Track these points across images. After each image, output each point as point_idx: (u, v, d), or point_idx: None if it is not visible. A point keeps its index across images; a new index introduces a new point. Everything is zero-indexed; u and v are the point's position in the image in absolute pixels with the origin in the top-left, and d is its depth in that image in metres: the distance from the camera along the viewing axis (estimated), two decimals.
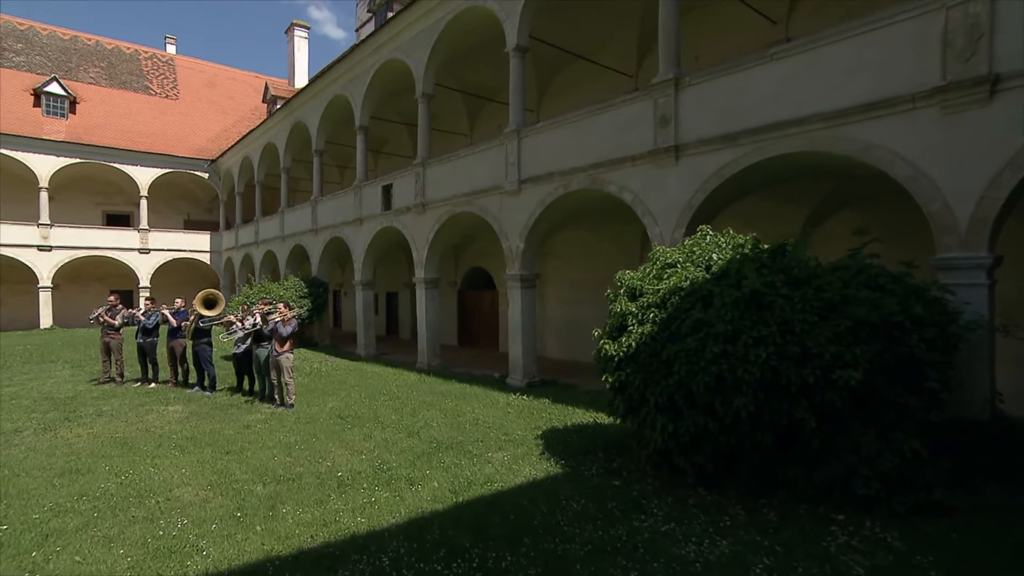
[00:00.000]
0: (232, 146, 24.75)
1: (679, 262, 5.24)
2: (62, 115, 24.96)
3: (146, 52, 30.95)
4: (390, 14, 15.78)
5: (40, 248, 23.32)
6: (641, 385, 4.87)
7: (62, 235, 23.87)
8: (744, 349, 4.30)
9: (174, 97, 29.81)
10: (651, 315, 4.95)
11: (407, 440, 6.60)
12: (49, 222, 23.46)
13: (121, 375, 10.58)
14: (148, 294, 23.32)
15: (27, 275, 23.39)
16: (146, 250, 25.84)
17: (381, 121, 16.41)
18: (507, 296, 15.81)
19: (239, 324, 9.31)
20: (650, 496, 4.78)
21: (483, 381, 10.75)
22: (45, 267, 23.41)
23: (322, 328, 18.23)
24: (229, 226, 27.28)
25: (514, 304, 10.59)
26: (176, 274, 26.96)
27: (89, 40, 29.15)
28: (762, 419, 4.34)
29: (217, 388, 9.87)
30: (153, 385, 10.33)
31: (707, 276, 4.91)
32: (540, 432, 6.90)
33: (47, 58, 26.91)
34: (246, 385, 9.69)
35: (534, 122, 10.55)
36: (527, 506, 4.57)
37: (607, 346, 5.20)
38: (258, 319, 8.92)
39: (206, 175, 27.35)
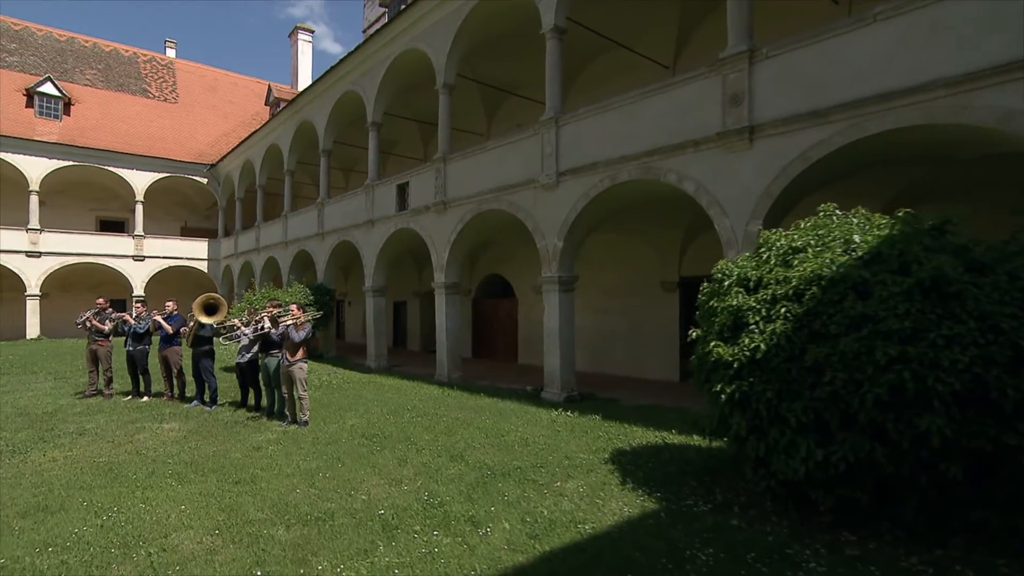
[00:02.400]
0: (233, 149, 23.74)
1: (810, 245, 4.21)
2: (56, 116, 23.94)
3: (145, 55, 30.08)
4: (403, 7, 14.94)
5: (28, 254, 22.07)
6: (775, 399, 3.81)
7: (52, 240, 22.63)
8: (934, 352, 3.26)
9: (173, 101, 28.88)
10: (782, 310, 3.91)
11: (452, 466, 5.49)
12: (39, 227, 22.26)
13: (109, 387, 9.42)
14: (142, 299, 22.09)
15: (14, 282, 22.09)
16: (141, 257, 24.65)
17: (392, 119, 15.46)
18: (527, 303, 14.80)
19: (243, 329, 8.22)
20: (790, 542, 3.70)
21: (514, 395, 9.65)
22: (33, 274, 22.15)
23: (327, 339, 17.10)
24: (228, 233, 26.15)
25: (550, 309, 9.52)
26: (172, 282, 25.71)
27: (86, 42, 28.26)
28: (957, 445, 3.29)
29: (219, 402, 8.74)
30: (146, 399, 9.18)
31: (853, 260, 3.89)
32: (607, 455, 5.80)
33: (42, 59, 25.95)
34: (251, 399, 8.57)
35: (574, 109, 9.59)
36: (640, 558, 3.47)
37: (719, 349, 4.14)
38: (267, 323, 7.81)
39: (205, 180, 26.27)
